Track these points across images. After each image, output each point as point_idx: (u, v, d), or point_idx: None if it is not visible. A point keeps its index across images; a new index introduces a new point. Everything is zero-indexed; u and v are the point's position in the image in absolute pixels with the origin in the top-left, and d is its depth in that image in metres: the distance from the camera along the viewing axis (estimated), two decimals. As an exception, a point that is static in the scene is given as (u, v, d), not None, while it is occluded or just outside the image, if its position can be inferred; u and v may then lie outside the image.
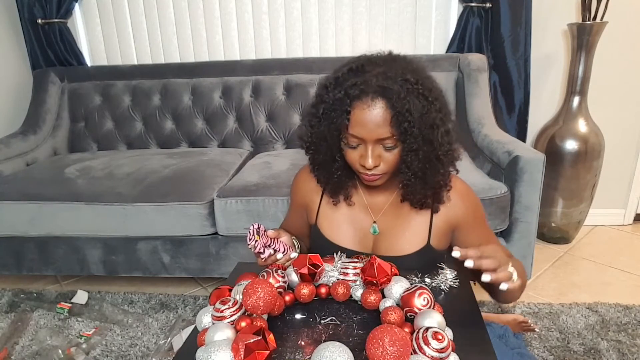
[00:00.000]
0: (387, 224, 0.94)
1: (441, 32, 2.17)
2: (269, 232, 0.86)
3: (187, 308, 1.70)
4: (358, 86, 0.77)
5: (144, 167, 1.79)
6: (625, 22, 1.97)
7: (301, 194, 1.04)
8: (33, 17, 2.22)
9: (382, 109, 0.76)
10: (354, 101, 0.77)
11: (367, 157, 0.80)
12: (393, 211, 0.94)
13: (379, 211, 0.95)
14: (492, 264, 0.70)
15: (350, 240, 0.96)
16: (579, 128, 1.94)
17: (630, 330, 1.48)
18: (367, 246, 0.96)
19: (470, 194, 0.94)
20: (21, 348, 1.49)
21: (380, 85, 0.76)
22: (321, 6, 2.17)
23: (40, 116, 2.20)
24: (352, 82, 0.78)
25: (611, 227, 2.28)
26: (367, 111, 0.77)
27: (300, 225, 1.07)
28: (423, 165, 0.82)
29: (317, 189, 1.00)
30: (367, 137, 0.79)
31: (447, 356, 0.59)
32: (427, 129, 0.79)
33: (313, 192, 1.01)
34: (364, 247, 0.96)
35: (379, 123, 0.77)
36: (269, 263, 0.86)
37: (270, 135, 2.13)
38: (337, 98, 0.79)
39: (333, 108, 0.80)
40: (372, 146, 0.80)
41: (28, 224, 1.68)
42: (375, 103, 0.76)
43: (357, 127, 0.78)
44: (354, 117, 0.78)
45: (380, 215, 0.95)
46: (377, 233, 0.95)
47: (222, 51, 2.30)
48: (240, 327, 0.67)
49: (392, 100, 0.76)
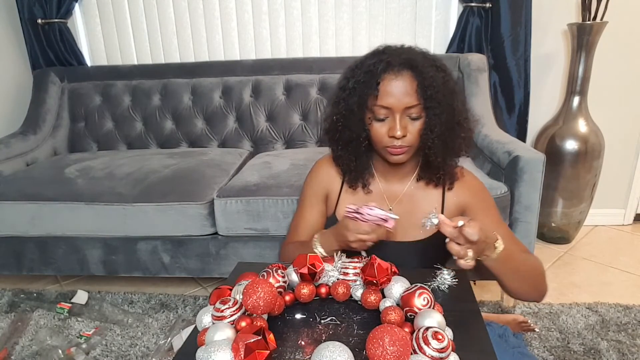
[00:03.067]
0: (402, 211, 0.96)
1: (441, 32, 2.17)
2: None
3: (187, 308, 1.70)
4: (385, 60, 0.85)
5: (144, 167, 1.79)
6: (625, 22, 1.97)
7: (322, 182, 1.06)
8: (33, 17, 2.22)
9: (409, 78, 0.84)
10: (383, 73, 0.84)
11: (395, 127, 0.85)
12: (408, 199, 0.99)
13: (395, 199, 0.99)
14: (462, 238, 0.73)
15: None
16: (579, 128, 1.94)
17: (630, 330, 1.48)
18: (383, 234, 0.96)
19: (478, 182, 1.01)
20: (21, 348, 1.49)
21: (406, 58, 0.85)
22: (321, 6, 2.17)
23: (40, 116, 2.20)
24: (379, 58, 0.86)
25: (611, 227, 2.28)
26: (395, 81, 0.84)
27: (314, 222, 1.06)
28: (445, 129, 0.88)
29: (337, 178, 1.04)
30: (395, 105, 0.85)
31: (447, 356, 0.59)
32: (448, 95, 0.87)
33: (333, 181, 1.04)
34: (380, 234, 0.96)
35: (407, 91, 0.84)
36: (372, 239, 0.85)
37: (270, 135, 2.13)
38: (367, 71, 0.86)
39: (363, 81, 0.86)
40: (400, 115, 0.85)
41: (28, 224, 1.68)
42: (402, 73, 0.84)
43: (386, 97, 0.84)
44: (383, 88, 0.84)
45: (395, 203, 0.99)
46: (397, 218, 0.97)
47: (222, 51, 2.30)
48: (240, 327, 0.67)
49: (417, 69, 0.84)
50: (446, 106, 0.86)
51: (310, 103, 2.09)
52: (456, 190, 0.98)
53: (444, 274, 0.83)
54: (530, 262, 0.91)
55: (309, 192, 1.08)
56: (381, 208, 0.83)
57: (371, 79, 0.85)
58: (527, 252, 0.94)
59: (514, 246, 0.92)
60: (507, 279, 0.86)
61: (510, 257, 0.83)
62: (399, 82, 0.84)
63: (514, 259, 0.85)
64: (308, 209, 1.08)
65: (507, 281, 0.86)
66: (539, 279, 0.91)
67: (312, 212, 1.07)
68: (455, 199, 0.97)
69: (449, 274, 0.83)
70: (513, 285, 0.88)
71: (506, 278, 0.86)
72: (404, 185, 1.00)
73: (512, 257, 0.84)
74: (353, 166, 0.97)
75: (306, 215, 1.08)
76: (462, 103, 0.91)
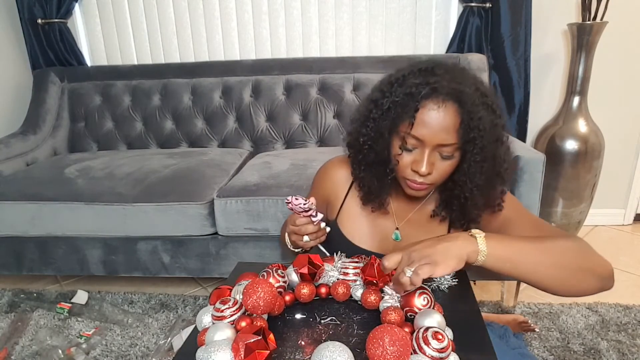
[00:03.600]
0: (409, 231, 0.93)
1: (441, 32, 2.17)
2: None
3: (187, 308, 1.70)
4: (431, 84, 0.73)
5: (144, 167, 1.79)
6: (625, 22, 1.97)
7: (327, 186, 1.00)
8: (33, 17, 2.22)
9: (453, 113, 0.73)
10: (425, 99, 0.73)
11: (422, 163, 0.76)
12: (417, 219, 0.93)
13: (403, 218, 0.94)
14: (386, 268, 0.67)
15: (368, 242, 0.95)
16: (579, 128, 1.94)
17: (630, 330, 1.48)
18: (386, 251, 0.93)
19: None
20: (21, 348, 1.49)
21: (455, 88, 0.73)
22: (321, 6, 2.17)
23: (40, 116, 2.20)
24: (424, 80, 0.74)
25: (611, 227, 2.28)
26: (436, 112, 0.73)
27: None
28: (485, 179, 0.78)
29: (345, 184, 0.97)
30: (428, 140, 0.74)
31: (447, 356, 0.59)
32: (493, 143, 0.76)
33: (340, 187, 0.98)
34: (383, 251, 0.94)
35: (446, 127, 0.73)
36: (307, 232, 0.85)
37: (270, 135, 2.13)
38: (407, 93, 0.75)
39: (400, 103, 0.75)
40: (430, 151, 0.76)
41: (28, 224, 1.68)
42: (446, 105, 0.73)
43: (421, 127, 0.74)
44: (421, 117, 0.73)
45: (404, 223, 0.94)
46: (400, 240, 0.93)
47: (222, 51, 2.30)
48: (240, 327, 0.67)
49: (465, 105, 0.72)
50: (489, 154, 0.76)
51: (310, 103, 2.09)
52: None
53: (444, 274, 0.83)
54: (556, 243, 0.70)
55: (315, 190, 1.05)
56: (305, 200, 0.80)
57: (410, 103, 0.74)
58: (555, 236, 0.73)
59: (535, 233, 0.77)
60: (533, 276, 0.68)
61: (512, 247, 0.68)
62: (440, 114, 0.73)
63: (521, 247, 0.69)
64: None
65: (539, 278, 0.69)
66: (577, 259, 0.69)
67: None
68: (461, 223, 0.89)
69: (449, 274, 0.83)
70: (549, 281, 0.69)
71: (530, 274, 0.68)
72: (415, 206, 0.93)
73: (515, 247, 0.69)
74: (374, 188, 0.89)
75: None
76: (505, 151, 0.79)
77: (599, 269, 0.70)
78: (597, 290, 0.71)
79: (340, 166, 0.98)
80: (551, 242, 0.70)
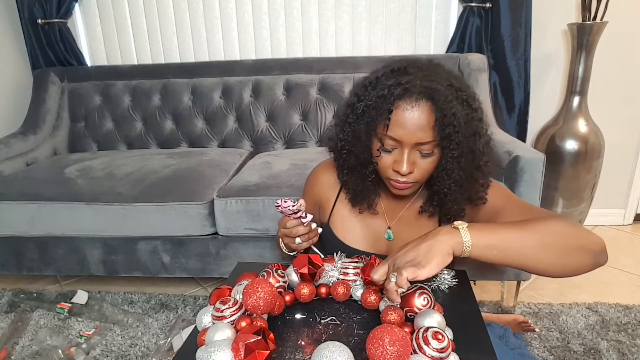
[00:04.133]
0: (401, 230, 0.93)
1: (441, 32, 2.17)
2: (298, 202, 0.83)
3: (187, 308, 1.70)
4: (402, 85, 0.74)
5: (144, 167, 1.79)
6: (625, 22, 1.97)
7: (317, 190, 1.01)
8: (33, 17, 2.22)
9: (427, 111, 0.73)
10: (397, 100, 0.74)
11: (402, 162, 0.77)
12: (408, 217, 0.94)
13: (394, 216, 0.94)
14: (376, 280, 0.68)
15: (362, 243, 0.95)
16: (579, 128, 1.94)
17: (630, 330, 1.48)
18: (380, 250, 0.95)
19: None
20: (21, 348, 1.49)
21: (427, 87, 0.73)
22: (321, 6, 2.17)
23: (40, 116, 2.20)
24: (397, 81, 0.75)
25: (611, 227, 2.28)
26: (409, 112, 0.73)
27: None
28: (464, 174, 0.79)
29: (335, 186, 0.97)
30: (406, 139, 0.75)
31: (447, 356, 0.59)
32: (470, 137, 0.77)
33: (330, 190, 0.99)
34: (377, 251, 0.95)
35: (422, 125, 0.74)
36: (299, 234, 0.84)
37: (270, 135, 2.13)
38: (380, 95, 0.76)
39: (374, 106, 0.76)
40: (409, 150, 0.76)
41: (28, 224, 1.68)
42: (419, 104, 0.73)
43: (397, 128, 0.74)
44: (395, 118, 0.74)
45: (395, 221, 0.94)
46: (392, 239, 0.94)
47: (222, 51, 2.30)
48: (240, 327, 0.67)
49: (438, 103, 0.73)
50: (466, 149, 0.77)
51: (310, 103, 2.09)
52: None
53: (443, 274, 0.83)
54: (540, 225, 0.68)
55: (306, 193, 1.06)
56: (293, 202, 0.80)
57: (383, 105, 0.75)
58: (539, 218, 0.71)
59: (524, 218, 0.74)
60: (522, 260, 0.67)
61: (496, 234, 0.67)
62: (415, 113, 0.73)
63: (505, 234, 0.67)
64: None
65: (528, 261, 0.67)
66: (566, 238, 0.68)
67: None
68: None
69: (448, 274, 0.83)
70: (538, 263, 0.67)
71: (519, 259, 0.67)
72: (405, 204, 0.94)
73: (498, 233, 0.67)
74: (359, 191, 0.90)
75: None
76: (484, 144, 0.80)
77: (589, 244, 0.69)
78: (592, 266, 0.70)
79: (328, 169, 0.98)
80: (536, 224, 0.69)
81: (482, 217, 0.86)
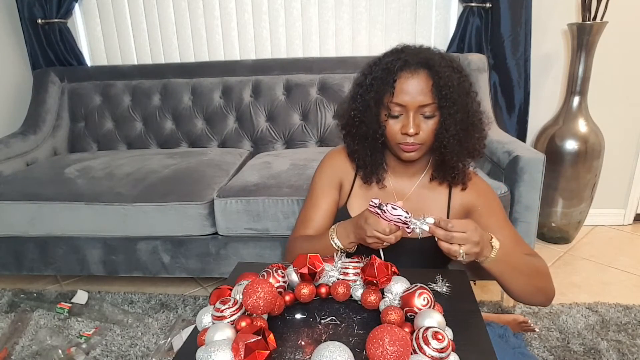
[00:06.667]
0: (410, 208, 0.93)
1: (441, 32, 2.17)
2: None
3: (187, 308, 1.70)
4: (402, 59, 0.87)
5: (144, 167, 1.79)
6: (625, 22, 1.97)
7: (337, 172, 1.06)
8: (33, 17, 2.22)
9: (425, 77, 0.86)
10: (399, 71, 0.87)
11: (409, 124, 0.87)
12: (416, 197, 1.00)
13: (403, 196, 1.01)
14: (455, 238, 0.75)
15: None
16: (579, 128, 1.94)
17: (630, 330, 1.48)
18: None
19: (485, 184, 1.02)
20: (21, 348, 1.49)
21: (423, 57, 0.87)
22: (321, 6, 2.17)
23: (40, 116, 2.20)
24: (397, 57, 0.88)
25: (611, 227, 2.28)
26: (411, 79, 0.86)
27: (329, 211, 1.04)
28: (460, 129, 0.89)
29: (351, 170, 1.05)
30: (410, 104, 0.87)
31: (447, 356, 0.59)
32: (463, 96, 0.88)
33: (347, 174, 1.06)
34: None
35: (422, 90, 0.86)
36: (397, 240, 0.81)
37: (270, 135, 2.13)
38: (384, 69, 0.88)
39: (380, 77, 0.89)
40: (414, 113, 0.87)
41: (28, 224, 1.68)
42: (418, 72, 0.86)
43: (401, 94, 0.86)
44: (399, 86, 0.86)
45: (404, 200, 1.00)
46: None
47: (222, 51, 2.30)
48: (240, 327, 0.67)
49: (433, 69, 0.86)
50: (461, 106, 0.88)
51: (310, 103, 2.09)
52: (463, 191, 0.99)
53: (440, 282, 0.83)
54: (533, 263, 0.90)
55: (323, 180, 1.06)
56: (405, 210, 0.77)
57: (388, 76, 0.87)
58: (533, 255, 0.93)
59: (518, 247, 0.93)
60: (508, 281, 0.86)
61: (510, 259, 0.84)
62: (415, 80, 0.86)
63: (514, 261, 0.86)
64: (322, 199, 1.05)
65: (509, 283, 0.86)
66: (543, 281, 0.91)
67: (326, 201, 1.04)
68: (461, 200, 0.98)
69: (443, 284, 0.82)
70: (516, 287, 0.88)
71: (507, 280, 0.86)
72: (413, 183, 1.01)
73: (511, 259, 0.85)
74: (368, 161, 0.98)
75: (320, 204, 1.04)
76: (477, 104, 0.93)
77: (549, 291, 0.92)
78: (539, 305, 0.96)
79: (343, 155, 1.06)
80: (531, 262, 0.90)
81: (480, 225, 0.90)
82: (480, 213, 0.97)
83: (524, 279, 0.87)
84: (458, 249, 0.75)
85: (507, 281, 0.86)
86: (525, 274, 0.87)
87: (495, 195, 1.01)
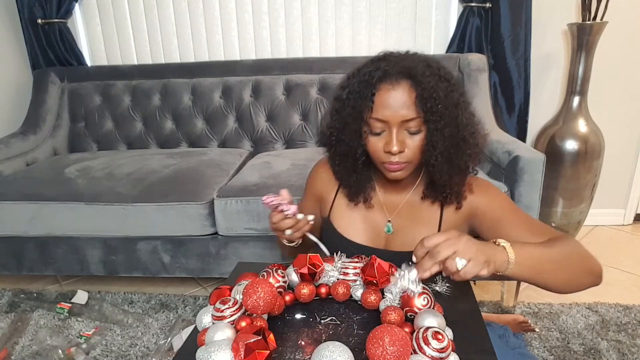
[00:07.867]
0: (401, 222, 0.94)
1: (441, 32, 2.17)
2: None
3: (187, 308, 1.70)
4: (382, 69, 0.78)
5: (144, 167, 1.79)
6: (625, 22, 1.97)
7: (317, 185, 1.04)
8: (33, 17, 2.22)
9: (407, 88, 0.77)
10: (378, 83, 0.78)
11: (392, 142, 0.79)
12: (407, 210, 0.94)
13: (394, 210, 0.95)
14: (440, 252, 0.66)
15: (362, 236, 0.96)
16: (579, 128, 1.94)
17: (630, 330, 1.48)
18: (380, 243, 0.96)
19: (482, 181, 0.93)
20: (21, 348, 1.49)
21: (404, 66, 0.78)
22: (321, 6, 2.17)
23: (40, 116, 2.20)
24: (376, 67, 0.79)
25: (611, 227, 2.28)
26: (391, 92, 0.77)
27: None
28: (449, 145, 0.80)
29: (334, 182, 1.00)
30: (391, 118, 0.78)
31: (447, 356, 0.59)
32: (451, 108, 0.79)
33: (329, 185, 1.01)
34: (377, 244, 0.96)
35: (404, 103, 0.77)
36: (286, 226, 0.87)
37: (270, 135, 2.13)
38: (362, 81, 0.80)
39: (357, 90, 0.80)
40: (397, 129, 0.79)
41: (28, 224, 1.68)
42: (399, 83, 0.77)
43: (381, 109, 0.78)
44: (379, 99, 0.78)
45: (395, 214, 0.95)
46: (392, 232, 0.95)
47: (222, 51, 2.30)
48: (240, 327, 0.67)
49: (416, 79, 0.76)
50: (449, 120, 0.79)
51: (310, 103, 2.09)
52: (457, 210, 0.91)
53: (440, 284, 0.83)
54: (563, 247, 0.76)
55: (306, 192, 1.08)
56: (274, 196, 0.84)
57: (366, 89, 0.79)
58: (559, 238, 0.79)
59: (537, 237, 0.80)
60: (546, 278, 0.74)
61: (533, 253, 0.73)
62: (396, 92, 0.77)
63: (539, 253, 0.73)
64: (305, 210, 1.06)
65: (547, 281, 0.75)
66: (582, 261, 0.77)
67: (309, 209, 1.05)
68: (454, 216, 0.90)
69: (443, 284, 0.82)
70: (557, 281, 0.75)
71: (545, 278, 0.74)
72: (404, 197, 0.94)
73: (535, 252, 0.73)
74: (353, 182, 0.92)
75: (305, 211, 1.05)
76: (468, 116, 0.83)
77: (594, 267, 0.78)
78: (590, 287, 0.79)
79: (327, 165, 1.00)
80: (559, 248, 0.76)
81: (486, 225, 0.88)
82: (483, 212, 0.88)
83: (562, 269, 0.74)
84: (454, 263, 0.65)
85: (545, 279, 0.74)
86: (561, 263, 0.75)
87: (497, 190, 0.92)
